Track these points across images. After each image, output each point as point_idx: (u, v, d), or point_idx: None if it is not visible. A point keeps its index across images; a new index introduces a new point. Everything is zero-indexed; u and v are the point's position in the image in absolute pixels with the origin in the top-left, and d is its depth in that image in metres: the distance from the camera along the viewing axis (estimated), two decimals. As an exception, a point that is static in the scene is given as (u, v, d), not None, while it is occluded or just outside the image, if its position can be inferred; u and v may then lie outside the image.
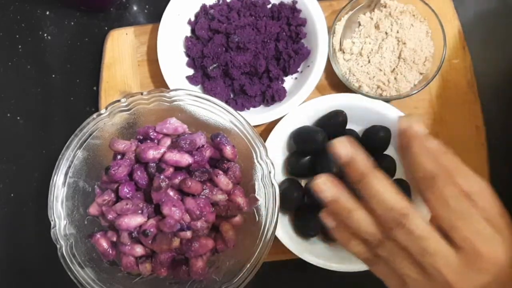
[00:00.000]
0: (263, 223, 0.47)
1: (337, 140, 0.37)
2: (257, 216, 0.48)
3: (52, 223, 0.47)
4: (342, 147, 0.37)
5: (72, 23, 0.63)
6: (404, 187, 0.52)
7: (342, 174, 0.38)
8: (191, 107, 0.49)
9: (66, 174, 0.48)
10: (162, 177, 0.45)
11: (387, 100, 0.56)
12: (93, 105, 0.62)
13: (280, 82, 0.58)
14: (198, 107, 0.49)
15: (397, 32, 0.56)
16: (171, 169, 0.47)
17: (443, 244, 0.33)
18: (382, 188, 0.36)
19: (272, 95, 0.57)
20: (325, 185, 0.37)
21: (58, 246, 0.46)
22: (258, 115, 0.56)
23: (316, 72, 0.56)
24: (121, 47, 0.61)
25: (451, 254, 0.33)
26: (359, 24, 0.57)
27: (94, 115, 0.48)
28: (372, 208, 0.36)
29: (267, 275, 0.51)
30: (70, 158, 0.48)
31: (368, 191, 0.36)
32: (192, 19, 0.61)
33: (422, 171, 0.35)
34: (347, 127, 0.56)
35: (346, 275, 0.52)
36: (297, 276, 0.58)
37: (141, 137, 0.50)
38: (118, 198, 0.47)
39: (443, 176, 0.35)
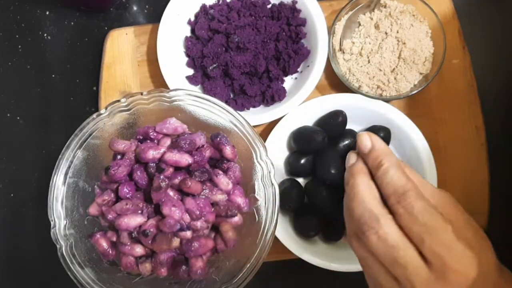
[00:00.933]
0: (263, 223, 0.47)
1: (360, 133, 0.41)
2: (257, 216, 0.48)
3: (52, 223, 0.47)
4: (365, 139, 0.40)
5: (72, 23, 0.63)
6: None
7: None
8: (191, 107, 0.49)
9: (66, 174, 0.48)
10: (162, 177, 0.45)
11: (387, 100, 0.56)
12: (93, 105, 0.62)
13: (280, 82, 0.58)
14: (198, 107, 0.49)
15: (397, 32, 0.56)
16: (171, 169, 0.47)
17: (415, 256, 0.34)
18: (363, 191, 0.37)
19: (272, 95, 0.57)
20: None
21: (58, 246, 0.46)
22: (258, 115, 0.56)
23: (316, 72, 0.56)
24: (121, 47, 0.61)
25: (422, 268, 0.33)
26: (359, 24, 0.57)
27: (94, 115, 0.48)
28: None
29: (267, 275, 0.51)
30: (70, 158, 0.48)
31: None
32: (192, 19, 0.61)
33: (393, 185, 0.36)
34: (347, 127, 0.56)
35: (346, 275, 0.52)
36: (297, 276, 0.58)
37: (141, 137, 0.50)
38: (118, 198, 0.47)
39: (413, 190, 0.35)
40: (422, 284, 0.33)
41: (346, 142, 0.55)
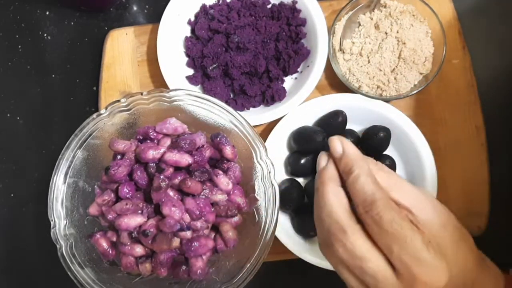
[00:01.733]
0: (263, 223, 0.47)
1: (332, 137, 0.40)
2: (257, 216, 0.48)
3: (52, 223, 0.47)
4: (336, 144, 0.40)
5: (72, 23, 0.63)
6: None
7: None
8: (191, 107, 0.49)
9: (66, 174, 0.48)
10: (162, 177, 0.45)
11: (387, 100, 0.56)
12: (93, 105, 0.62)
13: (280, 82, 0.58)
14: (198, 107, 0.49)
15: (397, 32, 0.56)
16: (171, 169, 0.47)
17: (384, 266, 0.34)
18: (331, 201, 0.37)
19: (272, 95, 0.57)
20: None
21: (58, 246, 0.46)
22: (258, 115, 0.56)
23: (316, 72, 0.56)
24: (121, 47, 0.61)
25: (391, 277, 0.33)
26: (359, 24, 0.57)
27: (94, 115, 0.48)
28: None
29: (267, 275, 0.51)
30: (70, 158, 0.48)
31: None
32: (192, 19, 0.61)
33: (362, 195, 0.35)
34: (347, 127, 0.56)
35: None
36: (297, 276, 0.58)
37: (141, 137, 0.50)
38: (118, 198, 0.47)
39: (382, 200, 0.34)
40: None
41: (346, 142, 0.55)
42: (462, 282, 0.35)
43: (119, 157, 0.49)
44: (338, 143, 0.40)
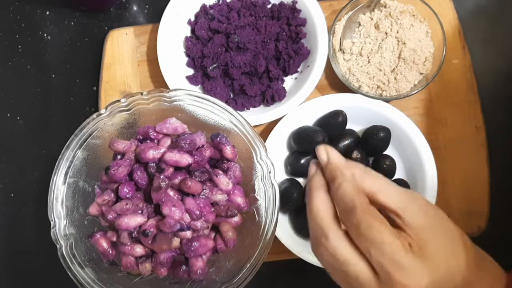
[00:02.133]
0: (263, 223, 0.47)
1: (318, 146, 0.42)
2: (257, 216, 0.48)
3: (52, 223, 0.47)
4: (321, 152, 0.41)
5: (72, 23, 0.63)
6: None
7: None
8: (191, 107, 0.49)
9: (66, 174, 0.48)
10: (162, 177, 0.45)
11: (387, 100, 0.56)
12: (93, 105, 0.62)
13: (280, 82, 0.58)
14: (198, 107, 0.49)
15: (397, 32, 0.56)
16: (171, 169, 0.47)
17: (365, 269, 0.35)
18: (317, 207, 0.39)
19: (272, 95, 0.57)
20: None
21: (58, 246, 0.46)
22: (258, 115, 0.56)
23: (316, 72, 0.56)
24: (121, 47, 0.61)
25: (372, 280, 0.35)
26: (359, 24, 0.57)
27: (94, 115, 0.48)
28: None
29: (267, 275, 0.51)
30: (70, 158, 0.48)
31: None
32: (192, 19, 0.61)
33: (342, 202, 0.37)
34: (347, 127, 0.56)
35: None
36: (297, 276, 0.58)
37: (141, 137, 0.50)
38: (118, 198, 0.47)
39: (360, 206, 0.36)
40: None
41: (346, 142, 0.55)
42: (453, 283, 0.35)
43: (119, 157, 0.49)
44: (323, 152, 0.41)
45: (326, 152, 0.41)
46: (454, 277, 0.35)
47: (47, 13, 0.63)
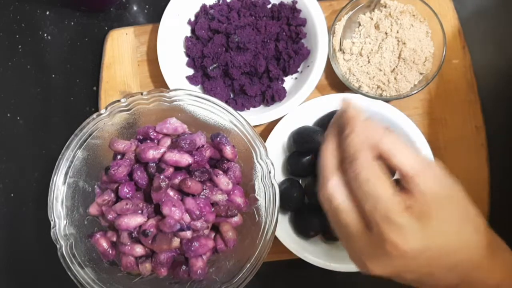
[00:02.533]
0: (263, 223, 0.47)
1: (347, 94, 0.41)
2: (257, 216, 0.48)
3: (52, 223, 0.47)
4: (345, 100, 0.41)
5: (72, 23, 0.63)
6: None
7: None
8: (191, 107, 0.49)
9: (66, 174, 0.48)
10: (162, 177, 0.45)
11: (387, 100, 0.56)
12: (93, 105, 0.62)
13: (280, 82, 0.58)
14: (198, 107, 0.49)
15: (397, 32, 0.56)
16: (171, 169, 0.47)
17: (356, 219, 0.35)
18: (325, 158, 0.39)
19: (272, 95, 0.57)
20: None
21: (58, 246, 0.46)
22: (258, 115, 0.56)
23: (316, 72, 0.56)
24: (121, 47, 0.61)
25: (362, 232, 0.35)
26: (359, 24, 0.57)
27: (94, 115, 0.48)
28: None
29: (267, 275, 0.51)
30: (70, 158, 0.48)
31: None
32: (192, 19, 0.61)
33: (348, 150, 0.37)
34: (347, 127, 0.56)
35: (346, 275, 0.52)
36: (297, 276, 0.58)
37: (141, 137, 0.50)
38: (118, 198, 0.47)
39: (363, 158, 0.35)
40: (362, 246, 0.35)
41: (346, 142, 0.55)
42: (448, 261, 0.34)
43: (119, 157, 0.49)
44: (347, 100, 0.41)
45: (349, 103, 0.41)
46: (452, 255, 0.34)
47: (47, 13, 0.63)
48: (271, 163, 0.47)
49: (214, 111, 0.49)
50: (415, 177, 0.35)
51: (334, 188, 0.36)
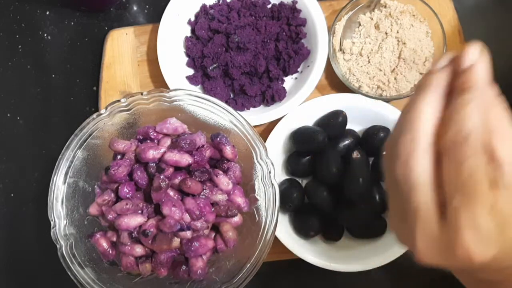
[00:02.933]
0: (263, 223, 0.47)
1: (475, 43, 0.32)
2: (257, 216, 0.48)
3: (52, 223, 0.47)
4: (472, 51, 0.31)
5: (72, 23, 0.63)
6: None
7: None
8: (191, 107, 0.49)
9: (66, 174, 0.48)
10: (162, 177, 0.45)
11: (387, 100, 0.56)
12: (93, 105, 0.62)
13: (280, 82, 0.58)
14: (198, 107, 0.49)
15: (397, 32, 0.56)
16: (171, 169, 0.47)
17: (431, 207, 0.28)
18: (423, 108, 0.30)
19: (272, 95, 0.57)
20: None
21: (58, 246, 0.46)
22: (258, 115, 0.56)
23: (316, 72, 0.56)
24: (121, 47, 0.61)
25: (433, 222, 0.28)
26: (359, 24, 0.57)
27: (94, 115, 0.48)
28: None
29: (267, 275, 0.51)
30: (70, 158, 0.48)
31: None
32: (192, 19, 0.61)
33: (459, 124, 0.28)
34: (347, 127, 0.56)
35: (346, 275, 0.52)
36: (297, 276, 0.58)
37: (141, 137, 0.50)
38: (118, 198, 0.47)
39: (475, 142, 0.27)
40: (425, 234, 0.28)
41: (346, 142, 0.55)
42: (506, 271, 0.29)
43: (119, 157, 0.49)
44: (475, 52, 0.31)
45: (479, 54, 0.31)
46: None
47: (47, 13, 0.63)
48: (271, 163, 0.47)
49: (214, 111, 0.49)
50: (510, 169, 0.27)
51: (420, 161, 0.28)
